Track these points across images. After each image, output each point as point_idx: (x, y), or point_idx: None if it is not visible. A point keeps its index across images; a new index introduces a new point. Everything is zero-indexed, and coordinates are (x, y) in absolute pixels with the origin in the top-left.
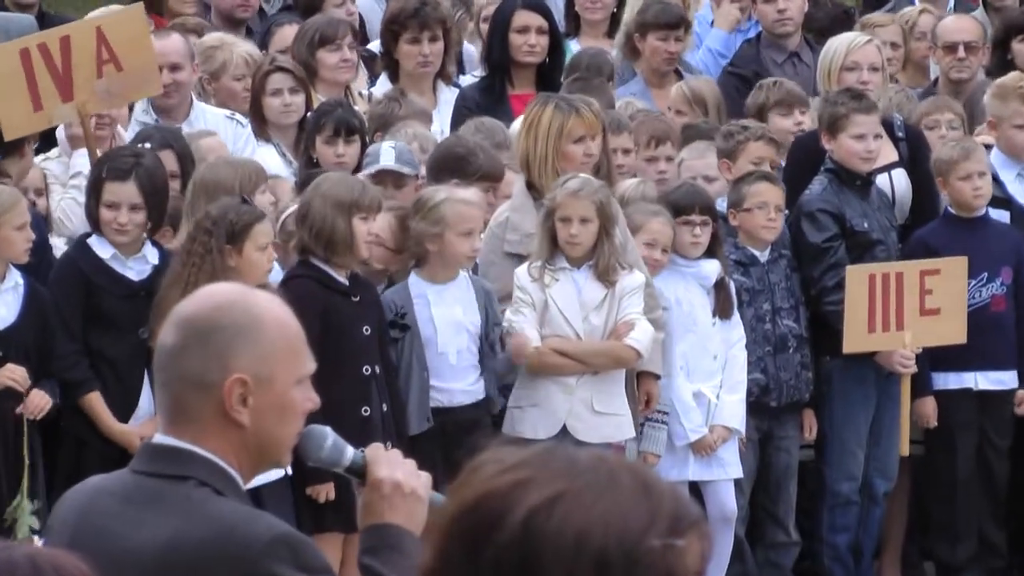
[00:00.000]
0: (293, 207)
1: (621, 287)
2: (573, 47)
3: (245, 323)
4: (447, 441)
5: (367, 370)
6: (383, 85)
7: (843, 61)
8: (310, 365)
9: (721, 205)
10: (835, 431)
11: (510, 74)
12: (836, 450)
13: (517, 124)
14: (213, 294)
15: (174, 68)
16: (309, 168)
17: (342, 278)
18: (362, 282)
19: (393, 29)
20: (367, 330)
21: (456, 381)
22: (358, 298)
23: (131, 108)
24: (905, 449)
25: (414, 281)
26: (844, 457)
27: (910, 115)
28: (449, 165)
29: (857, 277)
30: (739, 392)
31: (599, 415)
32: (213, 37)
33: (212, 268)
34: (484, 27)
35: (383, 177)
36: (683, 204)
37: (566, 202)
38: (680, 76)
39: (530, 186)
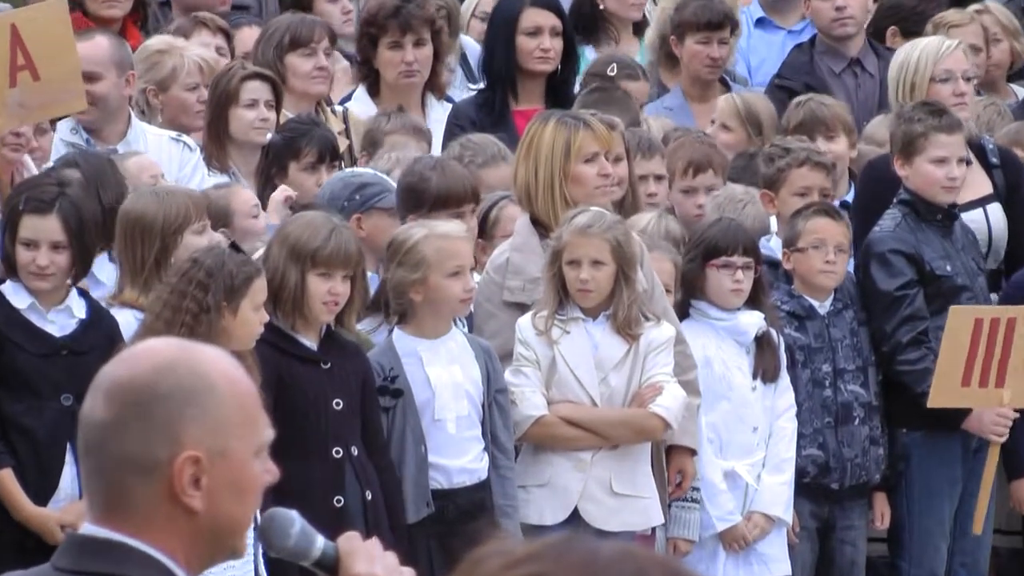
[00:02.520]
0: (262, 248)
1: (646, 342)
2: (589, 55)
3: (192, 387)
4: (444, 530)
5: (338, 452)
6: (360, 100)
7: (932, 70)
8: (268, 432)
9: (766, 247)
10: (914, 519)
11: (515, 85)
12: (915, 542)
13: None
14: (149, 353)
15: (88, 78)
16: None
17: (309, 341)
18: (339, 345)
19: (370, 32)
20: (339, 404)
21: (456, 456)
22: (329, 365)
23: (54, 126)
24: (979, 527)
25: (400, 337)
26: (925, 550)
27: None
28: (405, 201)
29: (961, 319)
30: (785, 472)
31: (619, 498)
32: (159, 40)
33: (208, 329)
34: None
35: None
36: (721, 243)
37: (574, 242)
38: (726, 87)
39: (535, 222)
